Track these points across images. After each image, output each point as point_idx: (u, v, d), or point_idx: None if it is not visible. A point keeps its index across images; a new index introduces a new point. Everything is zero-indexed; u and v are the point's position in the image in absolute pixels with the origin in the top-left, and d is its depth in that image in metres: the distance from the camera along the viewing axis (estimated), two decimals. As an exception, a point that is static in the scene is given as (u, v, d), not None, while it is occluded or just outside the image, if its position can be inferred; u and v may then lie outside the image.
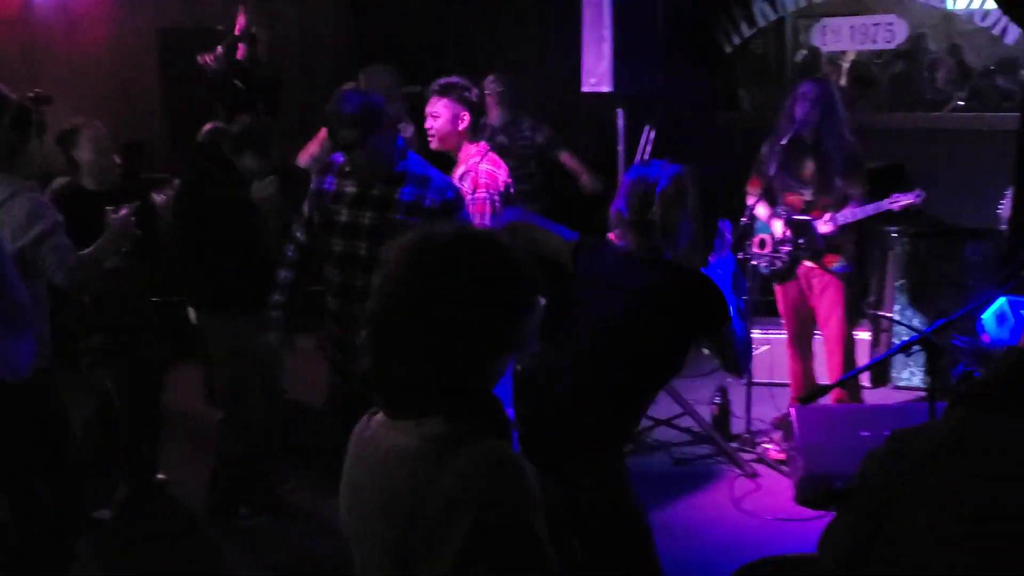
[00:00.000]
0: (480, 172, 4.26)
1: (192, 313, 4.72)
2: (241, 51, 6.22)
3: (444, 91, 4.29)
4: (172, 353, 5.18)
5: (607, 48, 5.02)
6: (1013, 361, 1.26)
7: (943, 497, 0.90)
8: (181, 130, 6.64)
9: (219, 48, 6.13)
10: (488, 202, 4.22)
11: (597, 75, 5.13)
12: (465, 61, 6.85)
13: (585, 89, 5.25)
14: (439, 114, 4.30)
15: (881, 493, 0.97)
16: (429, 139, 4.41)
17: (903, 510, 0.94)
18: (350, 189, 3.79)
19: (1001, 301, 2.89)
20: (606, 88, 5.10)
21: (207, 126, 5.18)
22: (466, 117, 4.30)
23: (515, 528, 1.52)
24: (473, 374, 1.62)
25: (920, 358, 3.94)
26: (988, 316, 2.91)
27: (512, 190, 4.39)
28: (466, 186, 4.24)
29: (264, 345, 4.15)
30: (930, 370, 2.85)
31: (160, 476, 5.05)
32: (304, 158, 5.63)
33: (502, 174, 4.33)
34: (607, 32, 5.02)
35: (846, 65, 8.11)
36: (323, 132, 5.12)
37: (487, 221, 4.13)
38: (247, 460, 4.75)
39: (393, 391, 1.64)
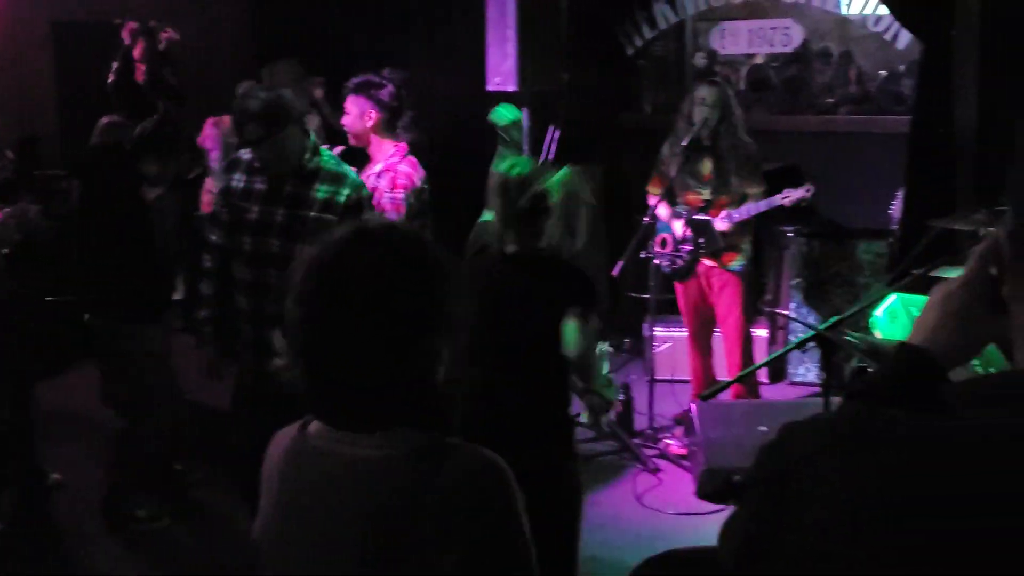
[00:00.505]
0: (399, 172, 4.36)
1: (89, 315, 4.59)
2: (139, 50, 6.09)
3: (354, 89, 4.46)
4: (66, 354, 5.03)
5: (511, 47, 5.04)
6: (904, 357, 1.28)
7: (834, 490, 0.91)
8: (76, 125, 6.45)
9: (115, 63, 6.01)
10: (404, 202, 4.30)
11: (502, 74, 5.15)
12: (374, 58, 6.79)
13: (490, 87, 5.26)
14: (349, 111, 4.48)
15: (772, 486, 0.97)
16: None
17: (794, 502, 0.94)
18: (260, 186, 3.72)
19: (892, 299, 2.97)
20: (511, 87, 5.12)
21: (104, 120, 5.04)
22: (373, 114, 4.43)
23: (511, 530, 1.53)
24: (431, 371, 1.58)
25: (815, 354, 4.04)
26: (881, 313, 2.99)
27: (427, 195, 4.45)
28: (383, 184, 4.32)
29: (157, 347, 4.06)
30: (824, 366, 2.92)
31: (55, 476, 4.90)
32: (207, 142, 5.56)
33: (419, 176, 4.41)
34: (511, 32, 5.04)
35: (744, 68, 8.26)
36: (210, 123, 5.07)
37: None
38: (153, 464, 4.64)
39: (345, 401, 1.57)
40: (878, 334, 3.52)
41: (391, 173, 4.35)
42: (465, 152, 6.22)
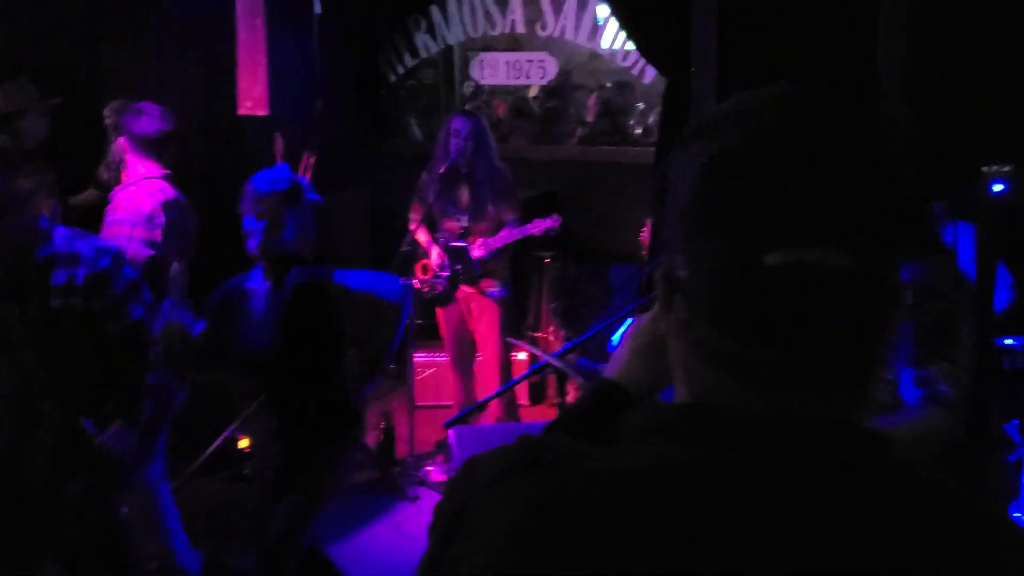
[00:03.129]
0: (120, 196, 4.04)
1: None
2: None
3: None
4: None
5: (262, 72, 4.89)
6: (598, 390, 1.27)
7: (491, 521, 0.87)
8: None
9: None
10: (126, 224, 3.99)
11: (253, 98, 4.99)
12: (121, 82, 6.45)
13: (241, 112, 5.09)
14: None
15: (450, 520, 0.92)
16: None
17: (464, 534, 0.89)
18: None
19: (628, 323, 3.03)
20: (261, 111, 4.97)
21: None
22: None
23: None
24: None
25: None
26: (617, 338, 3.04)
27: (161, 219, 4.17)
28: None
29: None
30: (559, 391, 2.94)
31: None
32: None
33: (151, 200, 4.10)
34: (262, 56, 4.89)
35: (506, 98, 8.39)
36: None
37: (124, 244, 3.84)
38: None
39: None
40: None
41: (116, 197, 4.09)
42: (218, 178, 6.00)
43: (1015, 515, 4.53)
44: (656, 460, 0.86)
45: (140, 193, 4.05)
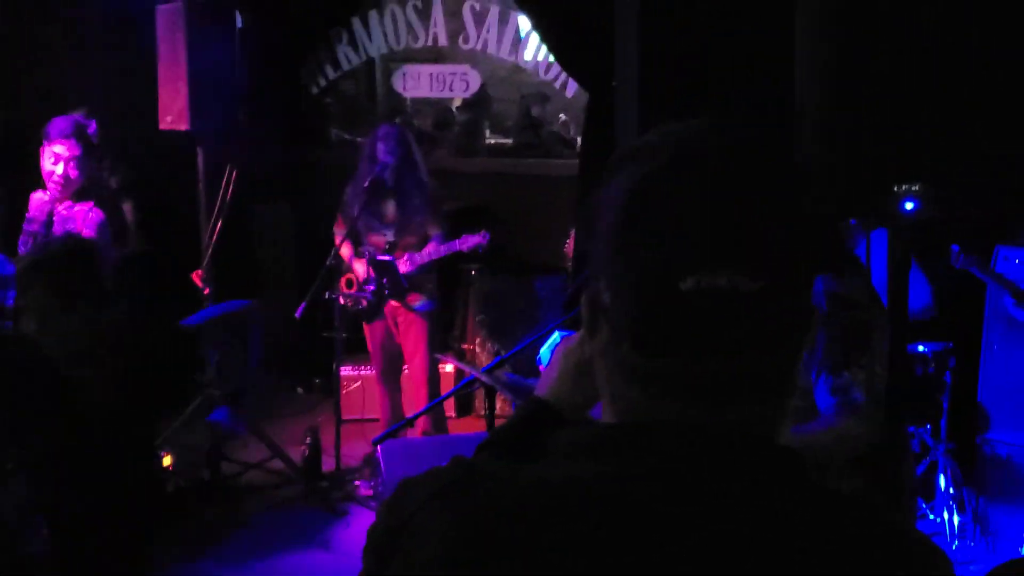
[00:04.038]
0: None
1: None
2: None
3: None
4: None
5: (183, 86, 4.84)
6: (530, 409, 1.31)
7: (425, 542, 0.90)
8: None
9: None
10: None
11: (174, 112, 4.94)
12: (39, 94, 6.32)
13: (162, 127, 5.03)
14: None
15: (385, 541, 0.96)
16: None
17: (401, 556, 0.93)
18: None
19: (555, 336, 3.08)
20: (183, 126, 4.91)
21: None
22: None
23: None
24: None
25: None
26: (545, 351, 3.08)
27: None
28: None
29: None
30: (489, 406, 2.98)
31: None
32: None
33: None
34: (183, 70, 4.84)
35: (429, 109, 8.41)
36: None
37: None
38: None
39: None
40: (543, 369, 3.61)
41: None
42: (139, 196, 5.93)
43: (928, 515, 4.69)
44: (578, 477, 0.91)
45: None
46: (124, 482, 3.15)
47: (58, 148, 4.30)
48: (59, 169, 4.30)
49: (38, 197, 4.41)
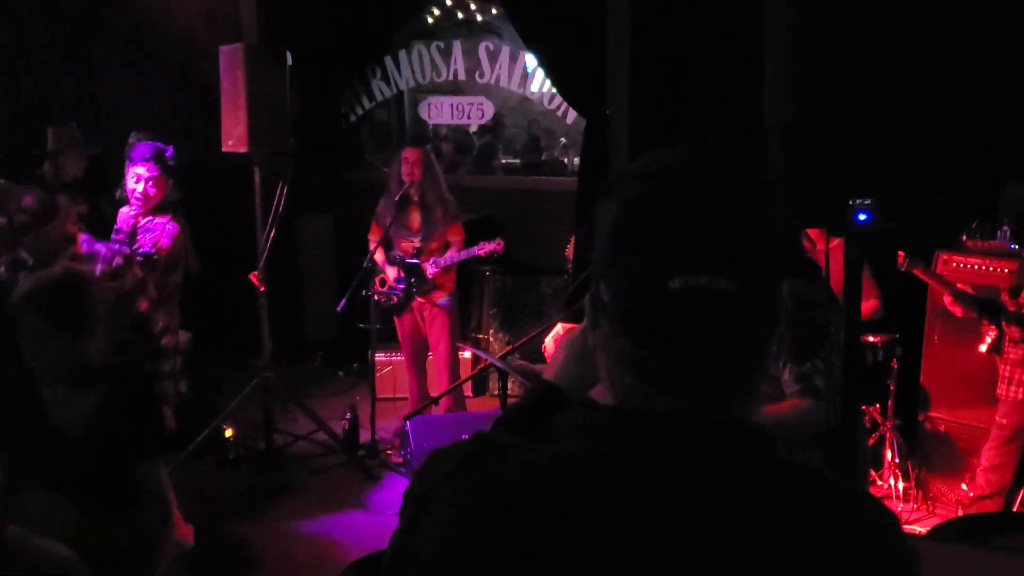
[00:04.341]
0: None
1: None
2: None
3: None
4: None
5: (242, 115, 4.84)
6: (538, 390, 1.30)
7: (449, 510, 0.91)
8: None
9: None
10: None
11: (235, 137, 4.94)
12: (117, 119, 6.35)
13: (224, 149, 5.04)
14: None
15: (416, 503, 0.96)
16: None
17: (427, 521, 0.93)
18: None
19: (558, 328, 3.08)
20: (242, 149, 4.91)
21: None
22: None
23: None
24: None
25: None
26: (548, 340, 3.09)
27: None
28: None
29: None
30: (502, 386, 2.97)
31: None
32: None
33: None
34: (242, 100, 4.85)
35: (451, 134, 8.42)
36: None
37: None
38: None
39: None
40: (548, 356, 3.62)
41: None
42: (204, 208, 5.95)
43: (878, 482, 4.66)
44: (578, 453, 0.91)
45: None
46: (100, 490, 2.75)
47: (140, 169, 4.30)
48: (140, 187, 4.29)
49: (124, 211, 4.40)
